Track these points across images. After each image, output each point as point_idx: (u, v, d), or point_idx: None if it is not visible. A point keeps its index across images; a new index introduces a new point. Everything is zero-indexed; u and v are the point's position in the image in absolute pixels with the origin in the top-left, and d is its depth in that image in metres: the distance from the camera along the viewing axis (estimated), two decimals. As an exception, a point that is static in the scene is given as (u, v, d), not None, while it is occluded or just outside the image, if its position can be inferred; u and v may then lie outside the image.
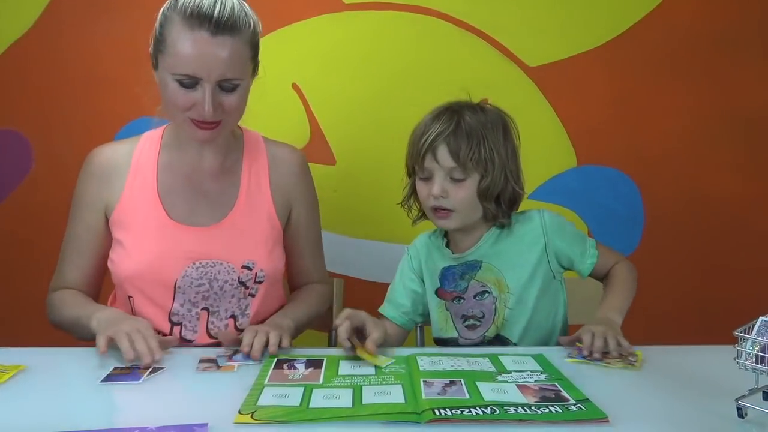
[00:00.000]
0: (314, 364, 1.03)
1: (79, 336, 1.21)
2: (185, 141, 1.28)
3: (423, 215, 1.33)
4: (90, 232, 1.28)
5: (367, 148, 1.79)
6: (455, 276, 1.30)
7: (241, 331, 1.26)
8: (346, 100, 1.78)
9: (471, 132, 1.21)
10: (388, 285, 1.43)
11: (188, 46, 1.13)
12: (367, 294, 1.71)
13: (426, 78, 1.77)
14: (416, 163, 1.26)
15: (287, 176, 1.35)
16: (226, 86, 1.17)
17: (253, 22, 1.20)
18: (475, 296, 1.27)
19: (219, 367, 1.04)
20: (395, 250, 1.77)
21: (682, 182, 1.82)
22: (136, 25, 1.72)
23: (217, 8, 1.13)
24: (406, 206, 1.35)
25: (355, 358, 1.05)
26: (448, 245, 1.34)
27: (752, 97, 1.80)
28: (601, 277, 1.30)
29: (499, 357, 1.06)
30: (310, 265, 1.42)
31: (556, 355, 1.08)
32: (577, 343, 1.10)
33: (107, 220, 1.28)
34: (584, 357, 1.06)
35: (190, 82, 1.15)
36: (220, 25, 1.13)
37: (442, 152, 1.21)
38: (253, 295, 1.28)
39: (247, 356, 1.07)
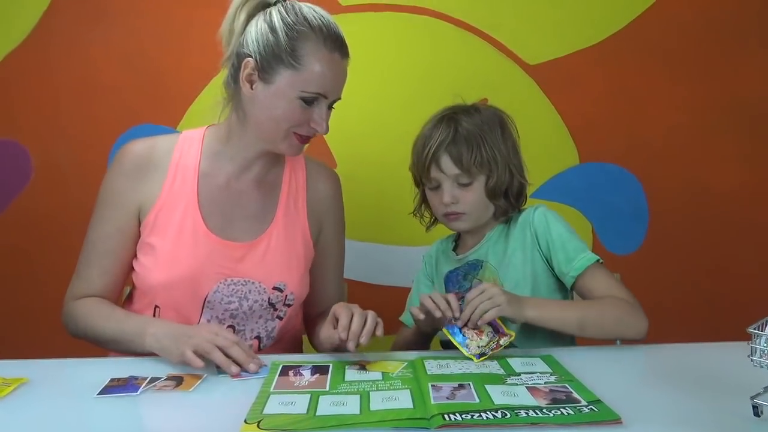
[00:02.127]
0: (320, 370, 1.02)
1: (117, 350, 1.16)
2: (237, 149, 1.23)
3: (435, 221, 1.35)
4: (121, 234, 1.21)
5: (368, 150, 1.78)
6: (458, 277, 1.30)
7: (261, 351, 1.23)
8: (346, 102, 1.74)
9: (470, 136, 1.23)
10: (390, 288, 1.42)
11: (328, 67, 1.14)
12: (371, 297, 1.70)
13: (426, 78, 1.76)
14: (422, 175, 1.28)
15: (322, 196, 1.33)
16: (331, 104, 1.20)
17: None
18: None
19: (178, 386, 0.97)
20: (398, 253, 1.77)
21: (685, 177, 1.81)
22: (133, 33, 1.74)
23: (340, 31, 1.17)
24: (417, 215, 1.37)
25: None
26: (456, 248, 1.34)
27: (753, 89, 1.79)
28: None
29: (507, 359, 1.05)
30: (331, 290, 1.37)
31: (565, 356, 1.06)
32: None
33: (139, 221, 1.22)
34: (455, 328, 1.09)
35: (313, 99, 1.15)
36: (345, 48, 1.17)
37: (446, 161, 1.23)
38: (281, 318, 1.26)
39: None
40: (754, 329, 0.79)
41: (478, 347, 1.06)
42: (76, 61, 1.74)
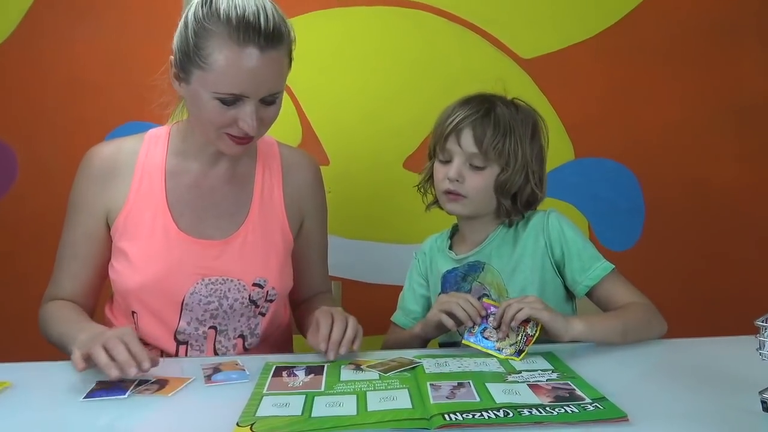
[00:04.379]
0: (315, 370, 0.99)
1: (67, 353, 1.11)
2: (198, 146, 1.20)
3: (436, 202, 1.29)
4: (89, 239, 1.18)
5: (361, 147, 1.75)
6: (457, 278, 1.26)
7: (248, 351, 1.21)
8: (338, 99, 1.74)
9: (499, 122, 1.18)
10: (384, 286, 1.40)
11: (237, 65, 1.03)
12: (365, 296, 1.68)
13: (419, 74, 1.73)
14: (438, 145, 1.23)
15: (301, 186, 1.28)
16: (267, 100, 1.09)
17: (290, 27, 1.10)
18: (478, 299, 1.22)
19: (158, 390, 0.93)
20: (391, 251, 1.75)
21: (681, 172, 1.80)
22: (119, 29, 1.71)
23: (262, 18, 1.03)
24: (422, 190, 1.31)
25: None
26: (452, 247, 1.30)
27: (749, 85, 1.78)
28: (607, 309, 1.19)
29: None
30: (317, 278, 1.35)
31: (566, 352, 1.03)
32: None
33: (108, 226, 1.19)
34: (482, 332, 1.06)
35: (232, 100, 1.05)
36: (268, 38, 1.04)
37: (466, 136, 1.19)
38: (263, 314, 1.22)
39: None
40: (762, 322, 0.77)
41: (511, 345, 1.03)
42: (62, 59, 1.70)
